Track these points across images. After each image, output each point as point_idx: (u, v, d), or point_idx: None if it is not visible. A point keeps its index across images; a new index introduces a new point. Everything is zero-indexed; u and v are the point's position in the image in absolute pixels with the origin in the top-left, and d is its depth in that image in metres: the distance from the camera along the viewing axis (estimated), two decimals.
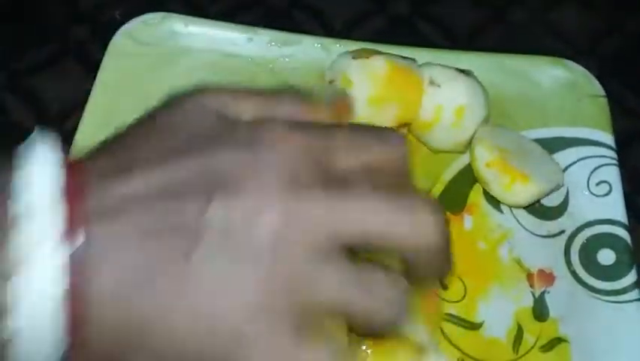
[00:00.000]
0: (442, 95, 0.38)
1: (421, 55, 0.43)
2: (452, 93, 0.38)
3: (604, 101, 0.42)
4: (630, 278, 0.36)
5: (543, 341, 0.35)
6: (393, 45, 0.43)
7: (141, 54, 0.42)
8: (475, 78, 0.39)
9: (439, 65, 0.39)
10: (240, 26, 0.43)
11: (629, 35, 0.49)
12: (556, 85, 0.42)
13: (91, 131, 0.39)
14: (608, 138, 0.40)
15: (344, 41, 0.43)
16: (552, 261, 0.37)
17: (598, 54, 0.48)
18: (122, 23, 0.42)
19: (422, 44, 0.44)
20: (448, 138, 0.39)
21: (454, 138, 0.39)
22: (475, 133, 0.39)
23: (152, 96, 0.41)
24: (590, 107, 0.41)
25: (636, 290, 0.36)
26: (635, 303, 0.35)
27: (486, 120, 0.40)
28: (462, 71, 0.39)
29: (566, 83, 0.42)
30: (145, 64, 0.42)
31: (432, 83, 0.38)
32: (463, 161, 0.40)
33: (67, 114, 0.43)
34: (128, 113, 0.40)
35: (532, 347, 0.35)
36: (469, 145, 0.40)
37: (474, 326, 0.35)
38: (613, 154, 0.40)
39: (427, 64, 0.40)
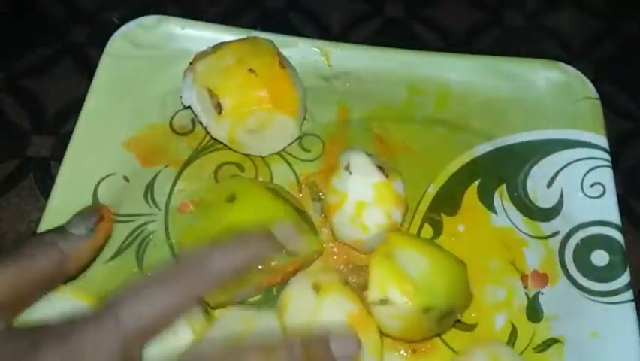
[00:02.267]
0: (349, 183, 0.36)
1: (416, 57, 0.43)
2: (358, 186, 0.35)
3: (598, 103, 0.42)
4: (624, 279, 0.36)
5: (537, 342, 0.35)
6: (390, 48, 0.43)
7: (138, 56, 0.42)
8: (398, 184, 0.36)
9: (367, 154, 0.36)
10: (237, 29, 0.43)
11: (623, 39, 0.50)
12: (551, 87, 0.42)
13: (87, 133, 0.39)
14: (602, 140, 0.40)
15: (341, 44, 0.44)
16: (546, 262, 0.38)
17: (592, 57, 0.48)
18: (120, 26, 0.43)
19: (418, 47, 0.44)
20: (347, 230, 0.36)
21: (352, 233, 0.36)
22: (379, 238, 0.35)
23: (149, 99, 0.41)
24: (584, 109, 0.42)
25: (629, 291, 0.36)
26: (628, 304, 0.36)
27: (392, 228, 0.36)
28: (384, 170, 0.36)
29: (561, 85, 0.42)
30: (142, 66, 0.42)
31: (346, 168, 0.36)
32: (457, 163, 0.41)
33: (64, 116, 0.43)
34: (125, 116, 0.41)
35: (526, 348, 0.35)
36: (374, 247, 0.35)
37: (468, 328, 0.36)
38: (607, 156, 0.40)
39: (355, 150, 0.37)
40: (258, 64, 0.38)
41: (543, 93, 0.42)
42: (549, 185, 0.40)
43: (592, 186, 0.39)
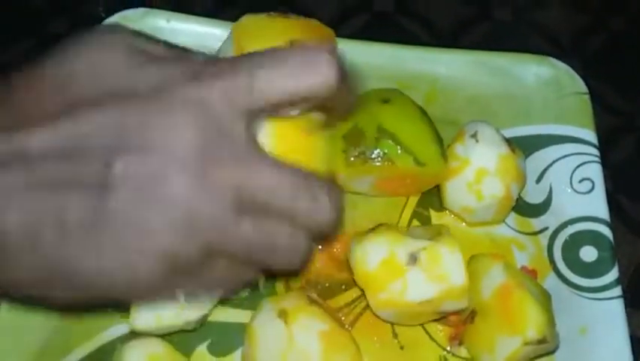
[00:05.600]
0: (474, 150, 0.36)
1: (405, 52, 0.43)
2: (484, 154, 0.36)
3: (587, 98, 0.42)
4: (612, 275, 0.36)
5: None
6: (378, 42, 0.43)
7: None
8: (521, 160, 0.37)
9: (496, 129, 0.37)
10: (224, 22, 0.42)
11: (613, 34, 0.50)
12: (540, 82, 0.42)
13: None
14: (591, 136, 0.40)
15: None
16: (535, 258, 0.38)
17: (582, 52, 0.48)
18: (103, 19, 0.42)
19: (407, 41, 0.44)
20: (460, 196, 0.37)
21: (465, 200, 0.37)
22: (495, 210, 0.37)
23: None
24: (573, 104, 0.41)
25: (618, 287, 0.36)
26: (616, 300, 0.35)
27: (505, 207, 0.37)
28: (510, 144, 0.37)
29: (550, 80, 0.42)
30: None
31: (473, 136, 0.37)
32: None
33: None
34: None
35: None
36: (480, 219, 0.38)
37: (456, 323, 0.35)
38: (596, 152, 0.40)
39: (483, 121, 0.38)
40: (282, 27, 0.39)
41: (532, 88, 0.42)
42: (538, 180, 0.40)
43: (581, 181, 0.39)
